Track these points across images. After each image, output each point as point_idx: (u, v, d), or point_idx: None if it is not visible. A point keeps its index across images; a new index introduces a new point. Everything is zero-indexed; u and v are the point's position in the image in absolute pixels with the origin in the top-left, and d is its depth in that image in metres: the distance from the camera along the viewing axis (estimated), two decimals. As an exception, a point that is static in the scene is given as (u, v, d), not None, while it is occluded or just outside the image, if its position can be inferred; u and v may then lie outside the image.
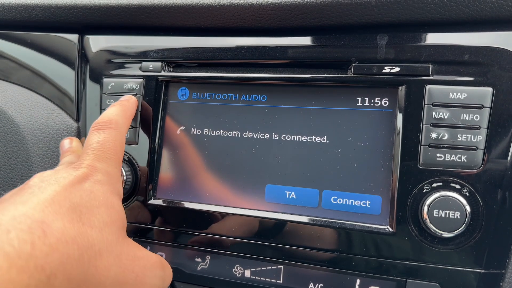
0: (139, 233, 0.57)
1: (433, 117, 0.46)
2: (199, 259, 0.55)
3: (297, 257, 0.51)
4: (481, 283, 0.45)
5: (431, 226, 0.45)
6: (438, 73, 0.47)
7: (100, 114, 0.60)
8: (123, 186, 0.55)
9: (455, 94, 0.46)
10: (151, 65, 0.58)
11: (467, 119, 0.45)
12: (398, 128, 0.48)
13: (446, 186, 0.45)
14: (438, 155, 0.46)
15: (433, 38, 0.48)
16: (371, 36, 0.50)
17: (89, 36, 0.64)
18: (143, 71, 0.59)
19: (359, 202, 0.49)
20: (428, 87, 0.47)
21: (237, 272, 0.53)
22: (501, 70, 0.45)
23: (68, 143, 0.57)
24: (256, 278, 0.52)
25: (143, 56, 0.59)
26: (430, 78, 0.47)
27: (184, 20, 0.57)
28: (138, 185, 0.57)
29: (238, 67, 0.56)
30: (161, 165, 0.57)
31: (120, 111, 0.52)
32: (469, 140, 0.45)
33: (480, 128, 0.45)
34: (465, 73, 0.46)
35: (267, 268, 0.52)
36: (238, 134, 0.55)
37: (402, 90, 0.48)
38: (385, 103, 0.49)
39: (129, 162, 0.57)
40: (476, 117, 0.45)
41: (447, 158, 0.46)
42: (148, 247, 0.57)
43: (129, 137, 0.58)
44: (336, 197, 0.50)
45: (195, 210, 0.54)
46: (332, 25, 0.51)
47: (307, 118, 0.52)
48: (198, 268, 0.55)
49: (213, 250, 0.54)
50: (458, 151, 0.45)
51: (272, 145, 0.53)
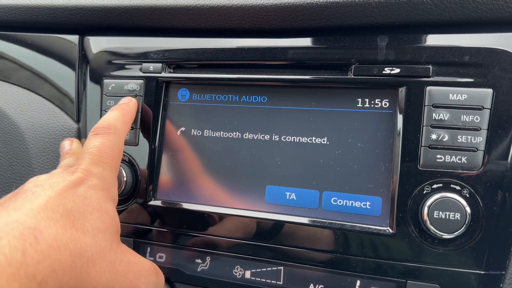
0: (139, 234, 0.57)
1: (433, 118, 0.46)
2: (199, 260, 0.55)
3: (297, 258, 0.51)
4: (481, 284, 0.45)
5: (431, 227, 0.45)
6: (438, 74, 0.47)
7: (101, 115, 0.60)
8: (123, 187, 0.55)
9: (455, 95, 0.46)
10: (151, 66, 0.58)
11: (467, 120, 0.45)
12: (398, 129, 0.48)
13: (446, 187, 0.45)
14: (438, 156, 0.46)
15: (433, 40, 0.48)
16: (371, 38, 0.50)
17: (89, 37, 0.64)
18: (144, 72, 0.59)
19: (359, 203, 0.49)
20: (428, 88, 0.47)
21: (237, 273, 0.53)
22: (501, 72, 0.45)
23: (68, 145, 0.57)
24: (256, 279, 0.52)
25: (143, 57, 0.59)
26: (430, 79, 0.47)
27: (184, 21, 0.57)
28: (139, 186, 0.57)
29: (239, 68, 0.56)
30: (161, 166, 0.57)
31: (120, 115, 0.52)
32: (469, 141, 0.45)
33: (480, 129, 0.45)
34: (465, 74, 0.46)
35: (267, 269, 0.52)
36: (238, 135, 0.55)
37: (402, 91, 0.48)
38: (385, 104, 0.49)
39: (130, 163, 0.57)
40: (476, 119, 0.45)
41: (447, 160, 0.46)
42: (149, 248, 0.57)
43: (130, 138, 0.58)
44: (336, 198, 0.50)
45: (195, 211, 0.54)
46: (332, 26, 0.51)
47: (308, 119, 0.52)
48: (198, 269, 0.55)
49: (213, 251, 0.54)
50: (458, 152, 0.45)
51: (273, 146, 0.53)
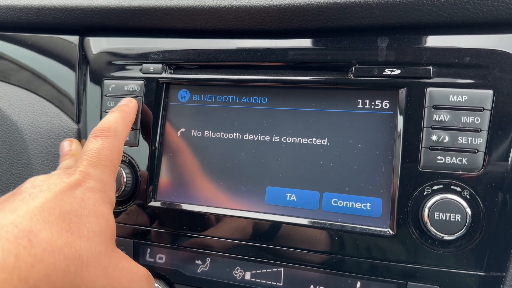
0: (139, 235, 0.57)
1: (433, 119, 0.46)
2: (199, 261, 0.55)
3: (297, 260, 0.50)
4: (481, 285, 0.45)
5: (432, 228, 0.44)
6: (438, 75, 0.47)
7: (101, 116, 0.60)
8: (123, 188, 0.55)
9: (455, 96, 0.46)
10: (151, 67, 0.58)
11: (467, 121, 0.45)
12: (398, 130, 0.48)
13: (446, 189, 0.45)
14: (438, 157, 0.46)
15: (434, 41, 0.48)
16: (371, 39, 0.50)
17: (89, 38, 0.64)
18: (144, 73, 0.59)
19: (360, 205, 0.49)
20: (428, 89, 0.47)
21: (238, 275, 0.53)
22: (502, 73, 0.45)
23: (68, 145, 0.57)
24: (257, 280, 0.52)
25: (143, 58, 0.59)
26: (431, 80, 0.47)
27: (185, 22, 0.57)
28: (138, 187, 0.57)
29: (239, 69, 0.56)
30: (161, 167, 0.57)
31: (120, 117, 0.52)
32: (469, 142, 0.45)
33: (480, 130, 0.45)
34: (466, 75, 0.46)
35: (268, 270, 0.52)
36: (238, 136, 0.55)
37: (402, 92, 0.48)
38: (385, 105, 0.49)
39: (130, 164, 0.57)
40: (477, 120, 0.45)
41: (448, 161, 0.45)
42: (148, 249, 0.57)
43: (130, 139, 0.58)
44: (336, 200, 0.50)
45: (195, 212, 0.54)
46: (333, 27, 0.51)
47: (308, 120, 0.52)
48: (198, 271, 0.55)
49: (214, 252, 0.54)
50: (458, 153, 0.45)
51: (273, 147, 0.53)
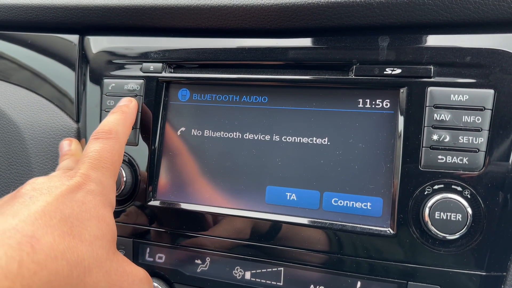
0: (138, 235, 0.57)
1: (434, 119, 0.46)
2: (199, 261, 0.55)
3: (297, 259, 0.50)
4: (482, 285, 0.45)
5: (433, 228, 0.44)
6: (439, 75, 0.47)
7: (100, 115, 0.60)
8: (123, 188, 0.55)
9: (456, 96, 0.46)
10: (151, 66, 0.58)
11: (468, 121, 0.45)
12: (399, 130, 0.48)
13: (447, 188, 0.45)
14: (439, 157, 0.46)
15: (435, 40, 0.48)
16: (372, 38, 0.50)
17: (89, 37, 0.64)
18: (144, 72, 0.59)
19: (360, 204, 0.49)
20: (429, 89, 0.47)
21: (237, 274, 0.53)
22: (503, 72, 0.45)
23: (67, 145, 0.57)
24: (256, 280, 0.52)
25: (143, 57, 0.59)
26: (432, 80, 0.47)
27: (185, 21, 0.57)
28: (138, 186, 0.57)
29: (239, 68, 0.56)
30: (161, 166, 0.57)
31: (121, 119, 0.52)
32: (470, 142, 0.45)
33: (481, 130, 0.45)
34: (467, 75, 0.46)
35: (268, 270, 0.52)
36: (238, 135, 0.54)
37: (403, 92, 0.48)
38: (386, 105, 0.49)
39: (129, 163, 0.57)
40: (478, 119, 0.45)
41: (449, 160, 0.45)
42: (148, 249, 0.57)
43: (130, 138, 0.57)
44: (337, 199, 0.50)
45: (195, 212, 0.54)
46: (333, 27, 0.51)
47: (308, 120, 0.52)
48: (198, 270, 0.55)
49: (213, 251, 0.54)
50: (459, 153, 0.45)
51: (273, 146, 0.53)
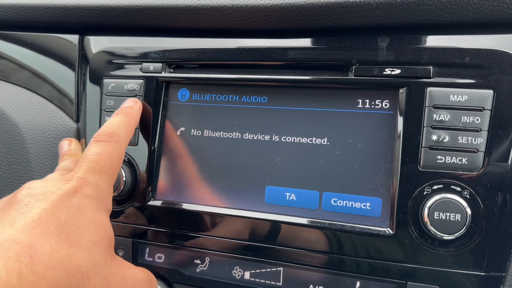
0: (138, 235, 0.57)
1: (433, 119, 0.46)
2: (198, 261, 0.55)
3: (297, 259, 0.50)
4: (481, 286, 0.45)
5: (432, 228, 0.44)
6: (439, 75, 0.47)
7: (100, 115, 0.60)
8: (122, 187, 0.55)
9: (456, 96, 0.46)
10: (151, 66, 0.58)
11: (467, 121, 0.45)
12: (398, 130, 0.48)
13: (446, 189, 0.45)
14: (438, 157, 0.46)
15: (434, 41, 0.48)
16: (372, 38, 0.50)
17: (89, 37, 0.64)
18: (144, 72, 0.59)
19: (360, 204, 0.49)
20: (429, 89, 0.47)
21: (237, 274, 0.53)
22: (502, 73, 0.45)
23: (67, 145, 0.57)
24: (256, 280, 0.52)
25: (143, 57, 0.59)
26: (431, 80, 0.47)
27: (185, 21, 0.57)
28: (138, 186, 0.57)
29: (239, 69, 0.56)
30: (160, 166, 0.57)
31: (124, 122, 0.51)
32: (469, 142, 0.45)
33: (480, 130, 0.45)
34: (466, 75, 0.46)
35: (267, 270, 0.52)
36: (238, 135, 0.54)
37: (403, 92, 0.48)
38: (385, 105, 0.49)
39: (129, 163, 0.57)
40: (477, 120, 0.45)
41: (448, 161, 0.45)
42: (147, 249, 0.57)
43: (129, 138, 0.58)
44: (336, 199, 0.50)
45: (194, 212, 0.54)
46: (333, 27, 0.51)
47: (308, 120, 0.52)
48: (197, 270, 0.55)
49: (213, 251, 0.54)
50: (458, 153, 0.45)
51: (273, 146, 0.53)
